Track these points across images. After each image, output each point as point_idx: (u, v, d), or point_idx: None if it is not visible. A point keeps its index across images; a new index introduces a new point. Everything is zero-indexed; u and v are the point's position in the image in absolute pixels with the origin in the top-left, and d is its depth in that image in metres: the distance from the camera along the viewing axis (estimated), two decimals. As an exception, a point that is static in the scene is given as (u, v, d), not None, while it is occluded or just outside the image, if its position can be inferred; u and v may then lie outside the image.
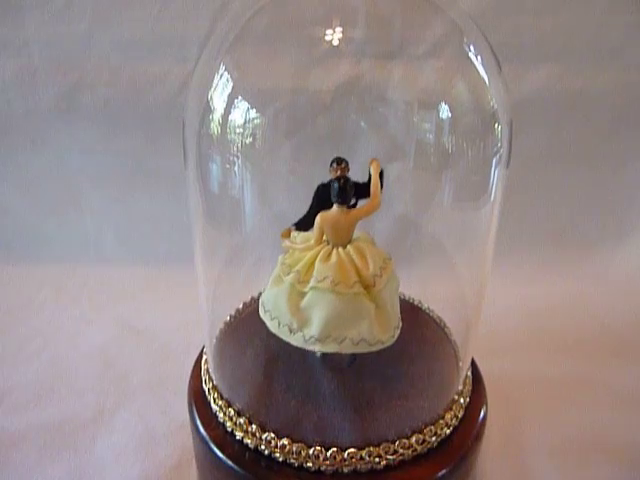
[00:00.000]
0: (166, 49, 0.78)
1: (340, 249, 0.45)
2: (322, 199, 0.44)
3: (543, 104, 0.84)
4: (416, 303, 0.64)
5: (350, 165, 0.42)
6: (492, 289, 0.92)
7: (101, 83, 0.80)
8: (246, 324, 0.59)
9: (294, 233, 0.48)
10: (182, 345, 0.81)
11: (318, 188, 0.44)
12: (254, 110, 0.44)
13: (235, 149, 0.46)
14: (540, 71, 0.82)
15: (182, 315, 0.86)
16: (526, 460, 0.64)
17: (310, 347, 0.44)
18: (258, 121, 0.44)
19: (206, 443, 0.49)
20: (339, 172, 0.45)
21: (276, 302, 0.45)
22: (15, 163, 0.90)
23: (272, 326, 0.46)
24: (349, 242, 0.45)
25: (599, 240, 1.00)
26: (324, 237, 0.46)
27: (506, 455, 0.64)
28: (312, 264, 0.45)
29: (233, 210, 0.51)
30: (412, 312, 0.62)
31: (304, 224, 0.47)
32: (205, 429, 0.50)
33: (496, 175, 0.45)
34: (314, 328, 0.43)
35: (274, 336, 0.50)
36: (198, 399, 0.53)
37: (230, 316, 0.61)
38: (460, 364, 0.54)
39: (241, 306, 0.62)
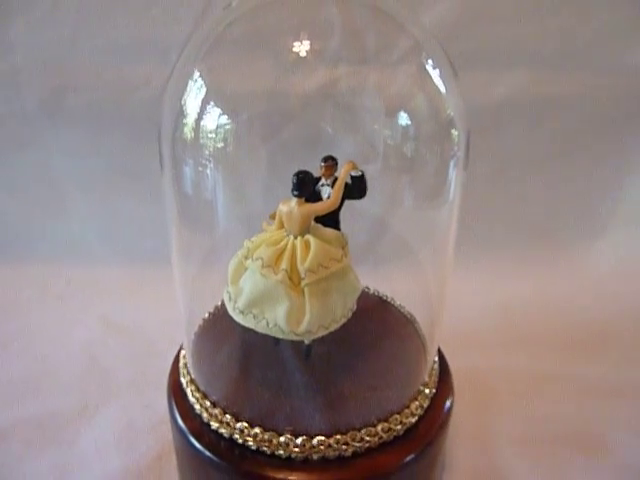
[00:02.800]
0: (149, 53, 0.80)
1: (292, 238, 0.47)
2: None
3: (516, 108, 0.87)
4: (389, 300, 0.66)
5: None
6: (468, 286, 0.96)
7: (85, 86, 0.81)
8: (223, 321, 0.60)
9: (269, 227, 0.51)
10: (165, 342, 0.82)
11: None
12: (226, 116, 0.46)
13: (207, 153, 0.48)
14: (512, 76, 0.85)
15: (165, 313, 0.85)
16: (495, 449, 0.66)
17: (235, 318, 0.49)
18: (229, 127, 0.46)
19: (184, 434, 0.51)
20: (323, 170, 0.48)
21: (228, 270, 0.50)
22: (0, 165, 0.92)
23: (224, 295, 0.51)
24: (304, 233, 0.47)
25: (573, 239, 1.03)
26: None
27: (476, 444, 0.67)
28: (293, 255, 0.47)
29: (207, 212, 0.53)
30: (384, 308, 0.64)
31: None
32: (183, 420, 0.52)
33: (453, 176, 0.47)
34: (240, 300, 0.48)
35: (249, 332, 0.53)
36: (177, 393, 0.55)
37: (209, 313, 0.63)
38: (428, 357, 0.57)
39: (219, 303, 0.64)
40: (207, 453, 0.49)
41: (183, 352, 0.58)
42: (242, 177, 0.52)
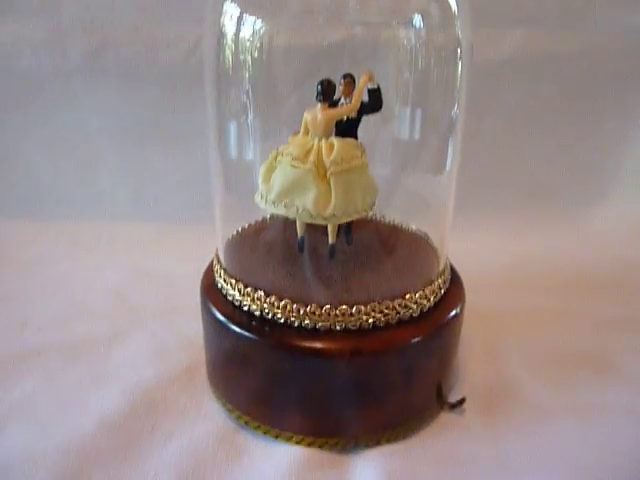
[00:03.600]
0: (183, 11, 0.88)
1: (317, 140, 0.53)
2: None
3: (519, 67, 0.93)
4: (404, 225, 0.71)
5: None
6: (482, 239, 1.01)
7: (123, 43, 0.89)
8: (258, 229, 0.67)
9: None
10: (192, 285, 0.87)
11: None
12: (260, 20, 0.53)
13: (247, 66, 0.55)
14: (515, 35, 0.91)
15: (193, 264, 0.90)
16: (507, 368, 0.70)
17: (268, 208, 0.54)
18: (264, 29, 0.53)
19: (218, 321, 0.56)
20: (342, 88, 0.54)
21: (259, 175, 0.56)
22: (40, 121, 0.99)
23: (256, 196, 0.56)
24: (328, 137, 0.53)
25: (580, 198, 1.08)
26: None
27: (488, 362, 0.71)
28: (319, 151, 0.53)
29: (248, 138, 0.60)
30: (399, 229, 0.69)
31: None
32: (216, 308, 0.57)
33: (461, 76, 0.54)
34: (273, 192, 0.53)
35: (281, 235, 0.59)
36: (209, 289, 0.60)
37: (243, 227, 0.68)
38: (440, 260, 0.62)
39: (253, 222, 0.69)
40: (241, 333, 0.53)
41: (217, 252, 0.63)
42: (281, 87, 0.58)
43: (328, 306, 0.51)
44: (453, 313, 0.58)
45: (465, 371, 0.69)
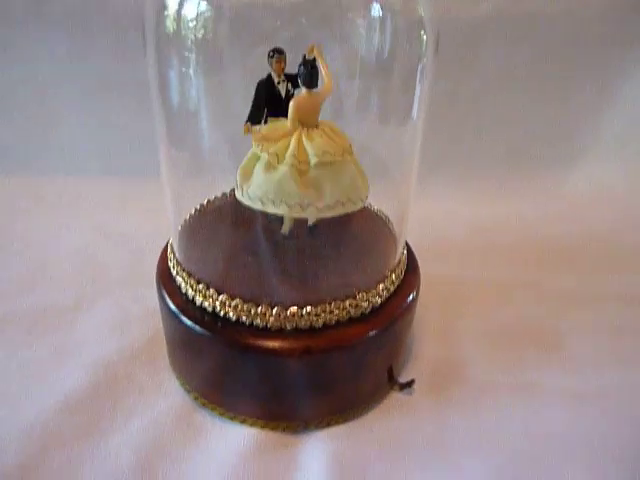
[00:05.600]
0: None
1: (313, 130, 0.50)
2: (267, 93, 0.51)
3: (499, 27, 0.88)
4: (367, 205, 0.70)
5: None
6: (448, 207, 1.00)
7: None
8: (210, 214, 0.66)
9: (255, 128, 0.53)
10: (155, 248, 0.86)
11: (259, 84, 0.50)
12: (205, 2, 0.48)
13: (189, 43, 0.50)
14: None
15: (155, 222, 0.89)
16: (458, 343, 0.73)
17: (253, 205, 0.52)
18: (209, 14, 0.48)
19: (172, 312, 0.56)
20: (275, 66, 0.50)
21: (281, 187, 0.50)
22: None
23: (281, 211, 0.51)
24: (317, 124, 0.51)
25: (550, 164, 1.07)
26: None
27: (441, 339, 0.73)
28: (300, 145, 0.50)
29: (193, 113, 0.56)
30: (363, 210, 0.68)
31: (256, 118, 0.52)
32: (171, 299, 0.57)
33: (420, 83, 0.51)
34: (328, 197, 0.51)
35: (235, 221, 0.57)
36: (165, 276, 0.60)
37: (196, 209, 0.66)
38: (397, 251, 0.61)
39: (205, 202, 0.67)
40: (193, 326, 0.54)
41: (171, 241, 0.62)
42: (223, 69, 0.54)
43: (279, 307, 0.52)
44: (406, 303, 0.58)
45: (418, 348, 0.71)
